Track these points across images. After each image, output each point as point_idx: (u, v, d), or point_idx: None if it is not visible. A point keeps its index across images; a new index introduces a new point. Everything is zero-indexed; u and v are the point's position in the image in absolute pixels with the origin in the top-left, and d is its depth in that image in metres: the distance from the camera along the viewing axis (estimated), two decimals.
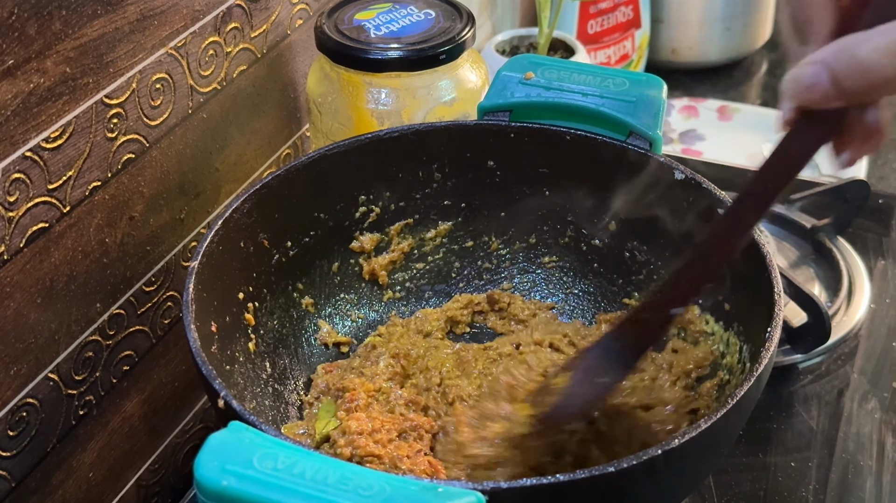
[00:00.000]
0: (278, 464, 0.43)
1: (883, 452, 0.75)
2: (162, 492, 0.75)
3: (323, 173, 0.70)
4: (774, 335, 0.56)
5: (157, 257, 0.70)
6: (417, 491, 0.42)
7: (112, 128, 0.63)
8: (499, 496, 0.46)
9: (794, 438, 0.76)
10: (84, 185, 0.61)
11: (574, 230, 0.76)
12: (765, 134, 1.17)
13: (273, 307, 0.70)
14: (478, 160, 0.73)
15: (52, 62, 0.57)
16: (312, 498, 0.42)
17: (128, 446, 0.71)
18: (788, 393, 0.80)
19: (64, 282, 0.61)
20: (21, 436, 0.61)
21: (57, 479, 0.65)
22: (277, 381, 0.69)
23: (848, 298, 0.87)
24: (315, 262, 0.73)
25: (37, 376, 0.61)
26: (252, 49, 0.75)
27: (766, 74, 1.32)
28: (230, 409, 0.52)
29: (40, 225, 0.59)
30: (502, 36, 1.06)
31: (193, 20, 0.68)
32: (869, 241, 0.94)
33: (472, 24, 0.77)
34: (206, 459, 0.43)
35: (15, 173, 0.56)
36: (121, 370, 0.68)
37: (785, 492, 0.72)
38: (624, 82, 0.71)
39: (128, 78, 0.63)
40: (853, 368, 0.82)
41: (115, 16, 0.61)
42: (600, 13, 1.18)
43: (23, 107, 0.56)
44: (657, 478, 0.51)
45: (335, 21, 0.77)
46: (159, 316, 0.71)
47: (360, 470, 0.43)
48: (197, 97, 0.70)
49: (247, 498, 0.42)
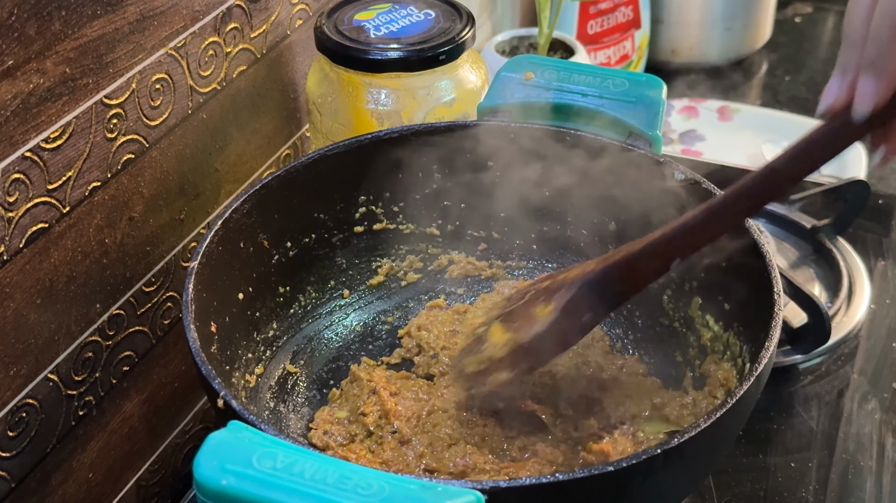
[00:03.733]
0: (278, 463, 0.43)
1: (883, 453, 0.75)
2: (162, 492, 0.75)
3: (323, 173, 0.70)
4: (774, 335, 0.56)
5: (156, 258, 0.70)
6: (417, 490, 0.42)
7: (112, 128, 0.63)
8: (498, 495, 0.46)
9: (794, 439, 0.76)
10: (84, 185, 0.61)
11: (574, 230, 0.76)
12: (765, 134, 1.17)
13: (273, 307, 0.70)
14: (478, 160, 0.73)
15: (52, 62, 0.57)
16: (312, 497, 0.42)
17: (128, 446, 0.71)
18: (788, 393, 0.80)
19: (63, 282, 0.61)
20: (21, 436, 0.60)
21: (57, 480, 0.64)
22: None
23: (848, 299, 0.87)
24: (315, 263, 0.73)
25: (36, 377, 0.61)
26: (252, 49, 0.75)
27: (766, 75, 1.31)
28: (230, 409, 0.52)
29: (40, 225, 0.59)
30: (502, 36, 1.06)
31: (193, 20, 0.68)
32: (869, 242, 0.94)
33: (472, 25, 0.77)
34: (205, 459, 0.43)
35: (14, 173, 0.56)
36: (120, 370, 0.68)
37: (785, 493, 0.72)
38: (624, 83, 0.71)
39: (127, 78, 0.63)
40: (853, 369, 0.82)
41: (115, 16, 0.61)
42: (600, 13, 1.18)
43: (22, 107, 0.55)
44: (657, 478, 0.51)
45: (335, 21, 0.77)
46: (159, 316, 0.71)
47: (359, 469, 0.43)
48: (197, 97, 0.70)
49: (246, 497, 0.42)
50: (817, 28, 1.41)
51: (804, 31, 1.40)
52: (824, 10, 1.45)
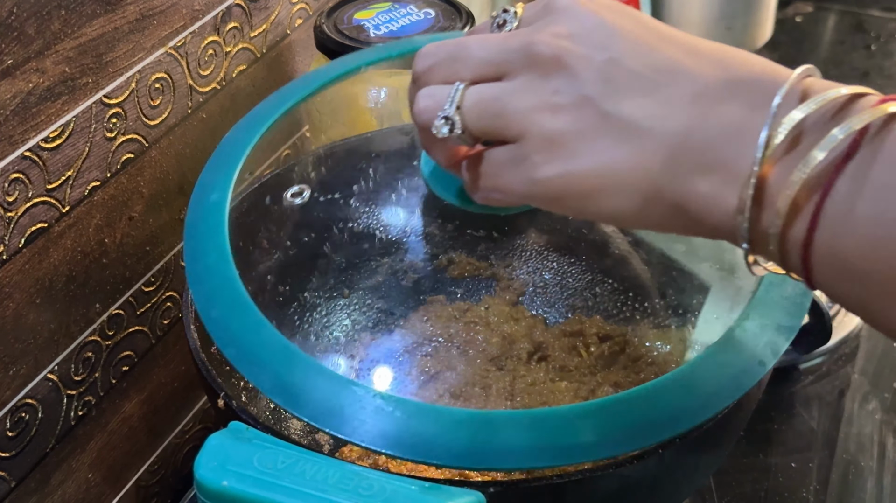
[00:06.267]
0: (278, 464, 0.43)
1: (884, 453, 0.75)
2: (161, 492, 0.75)
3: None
4: None
5: (156, 257, 0.70)
6: (417, 491, 0.42)
7: (111, 127, 0.62)
8: (499, 496, 0.46)
9: (794, 439, 0.76)
10: (83, 185, 0.61)
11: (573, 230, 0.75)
12: None
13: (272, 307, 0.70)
14: None
15: (52, 62, 0.57)
16: (312, 498, 0.41)
17: (127, 447, 0.71)
18: (789, 393, 0.80)
19: (63, 282, 0.61)
20: (20, 436, 0.60)
21: (56, 480, 0.64)
22: None
23: None
24: (315, 263, 0.73)
25: (36, 376, 0.61)
26: (251, 49, 0.75)
27: None
28: (230, 409, 0.52)
29: (39, 225, 0.59)
30: None
31: (193, 20, 0.68)
32: None
33: (472, 24, 0.76)
34: (206, 459, 0.43)
35: (14, 173, 0.56)
36: (120, 370, 0.68)
37: (785, 493, 0.72)
38: None
39: (127, 78, 0.63)
40: (854, 369, 0.82)
41: (115, 15, 0.61)
42: None
43: (22, 106, 0.55)
44: (657, 478, 0.51)
45: (334, 21, 0.76)
46: (159, 316, 0.71)
47: (360, 470, 0.43)
48: (196, 97, 0.70)
49: (247, 498, 0.42)
50: (818, 28, 1.41)
51: (805, 31, 1.40)
52: (825, 9, 1.45)
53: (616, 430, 0.46)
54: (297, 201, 0.62)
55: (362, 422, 0.45)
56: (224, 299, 0.51)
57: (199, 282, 0.52)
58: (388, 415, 0.46)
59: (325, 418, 0.46)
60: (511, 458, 0.45)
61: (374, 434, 0.45)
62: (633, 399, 0.47)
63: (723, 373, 0.49)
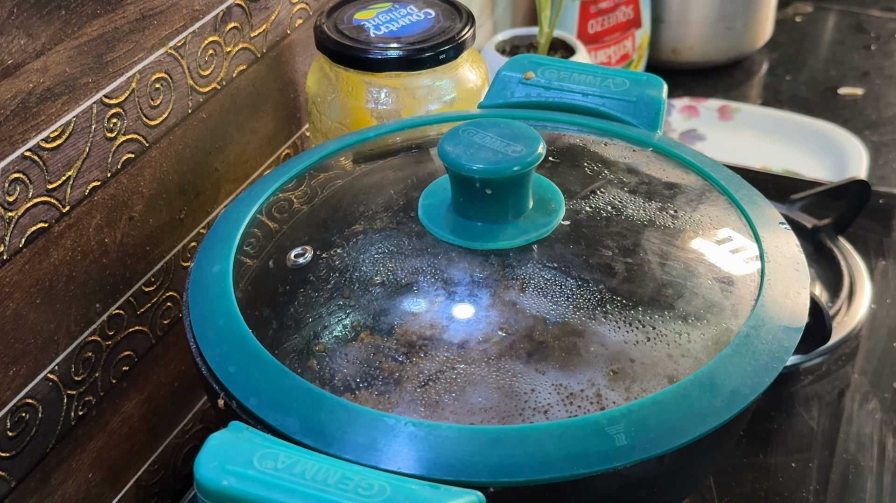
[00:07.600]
0: (278, 463, 0.43)
1: (884, 453, 0.75)
2: (162, 492, 0.75)
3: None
4: None
5: (156, 257, 0.70)
6: (417, 491, 0.42)
7: (111, 128, 0.62)
8: (499, 496, 0.46)
9: (794, 439, 0.76)
10: (83, 185, 0.61)
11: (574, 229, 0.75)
12: (765, 134, 1.17)
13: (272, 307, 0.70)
14: None
15: (52, 62, 0.57)
16: (313, 498, 0.41)
17: (127, 447, 0.71)
18: (789, 393, 0.80)
19: (63, 282, 0.61)
20: (20, 436, 0.60)
21: (56, 480, 0.64)
22: None
23: (849, 299, 0.87)
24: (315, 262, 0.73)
25: (36, 376, 0.61)
26: (252, 49, 0.75)
27: (766, 74, 1.31)
28: (230, 409, 0.52)
29: (39, 225, 0.59)
30: (502, 35, 1.06)
31: (193, 20, 0.68)
32: (870, 241, 0.94)
33: (472, 24, 0.76)
34: (206, 459, 0.43)
35: (14, 173, 0.56)
36: (120, 370, 0.68)
37: (785, 493, 0.72)
38: (624, 82, 0.71)
39: (127, 78, 0.63)
40: (854, 369, 0.82)
41: (115, 15, 0.61)
42: (601, 13, 1.18)
43: (22, 106, 0.55)
44: (657, 479, 0.51)
45: (334, 21, 0.76)
46: (159, 316, 0.71)
47: (360, 470, 0.43)
48: (196, 97, 0.70)
49: (247, 498, 0.42)
50: (818, 27, 1.41)
51: (805, 31, 1.40)
52: (825, 9, 1.45)
53: (649, 432, 0.48)
54: (301, 261, 0.64)
55: (398, 452, 0.46)
56: (239, 355, 0.53)
57: (211, 345, 0.53)
58: (422, 441, 0.46)
59: (360, 452, 0.46)
60: (548, 468, 0.46)
61: (413, 460, 0.46)
62: (661, 401, 0.49)
63: (742, 372, 0.51)
